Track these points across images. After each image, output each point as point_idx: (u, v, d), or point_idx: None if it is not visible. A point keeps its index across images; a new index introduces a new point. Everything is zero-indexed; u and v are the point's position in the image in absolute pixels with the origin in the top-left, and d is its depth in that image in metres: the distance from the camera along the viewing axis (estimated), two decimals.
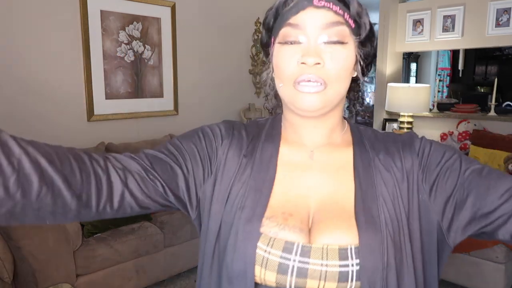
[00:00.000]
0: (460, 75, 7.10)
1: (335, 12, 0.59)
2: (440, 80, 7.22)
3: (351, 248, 0.57)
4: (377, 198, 0.62)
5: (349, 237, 0.59)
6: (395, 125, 3.79)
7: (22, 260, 1.96)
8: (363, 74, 0.67)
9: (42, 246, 1.98)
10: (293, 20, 0.60)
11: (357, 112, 0.72)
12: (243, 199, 0.63)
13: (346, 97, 0.70)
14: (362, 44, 0.63)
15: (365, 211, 0.61)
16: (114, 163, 0.57)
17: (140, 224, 2.51)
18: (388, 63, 3.93)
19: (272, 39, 0.65)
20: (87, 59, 2.81)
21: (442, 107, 3.78)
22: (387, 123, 3.89)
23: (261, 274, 0.58)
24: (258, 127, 0.73)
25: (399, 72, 4.10)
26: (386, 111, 3.84)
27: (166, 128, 3.37)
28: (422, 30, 3.63)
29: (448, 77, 7.45)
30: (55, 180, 0.47)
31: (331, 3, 0.59)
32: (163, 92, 3.35)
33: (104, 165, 0.55)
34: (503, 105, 3.74)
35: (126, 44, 3.03)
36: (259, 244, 0.59)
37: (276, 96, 0.71)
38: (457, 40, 3.43)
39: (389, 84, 3.62)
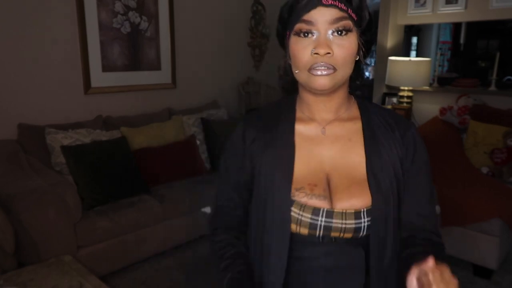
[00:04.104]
0: (462, 49, 7.00)
1: (341, 8, 0.71)
2: (441, 54, 7.12)
3: (363, 211, 0.77)
4: (383, 164, 0.79)
5: (363, 202, 0.77)
6: (394, 100, 3.76)
7: (23, 232, 1.97)
8: (364, 58, 0.79)
9: (43, 219, 1.99)
10: (306, 17, 0.72)
11: (357, 86, 0.87)
12: (272, 174, 0.80)
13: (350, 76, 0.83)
14: (363, 33, 0.76)
15: (375, 178, 0.78)
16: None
17: (139, 197, 2.53)
18: (389, 36, 3.85)
19: (288, 33, 0.78)
20: (83, 30, 2.74)
21: (442, 82, 3.74)
22: (386, 98, 3.86)
23: (296, 228, 0.79)
24: (275, 107, 0.89)
25: (400, 46, 4.03)
26: (386, 85, 3.81)
27: (164, 101, 3.34)
28: (424, 2, 3.54)
29: (449, 51, 7.35)
30: None
31: (337, 1, 0.71)
32: (160, 64, 3.30)
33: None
34: (504, 80, 3.69)
35: (122, 14, 2.96)
36: (293, 209, 0.78)
37: (293, 79, 0.82)
38: (461, 13, 3.35)
39: (390, 58, 3.56)
